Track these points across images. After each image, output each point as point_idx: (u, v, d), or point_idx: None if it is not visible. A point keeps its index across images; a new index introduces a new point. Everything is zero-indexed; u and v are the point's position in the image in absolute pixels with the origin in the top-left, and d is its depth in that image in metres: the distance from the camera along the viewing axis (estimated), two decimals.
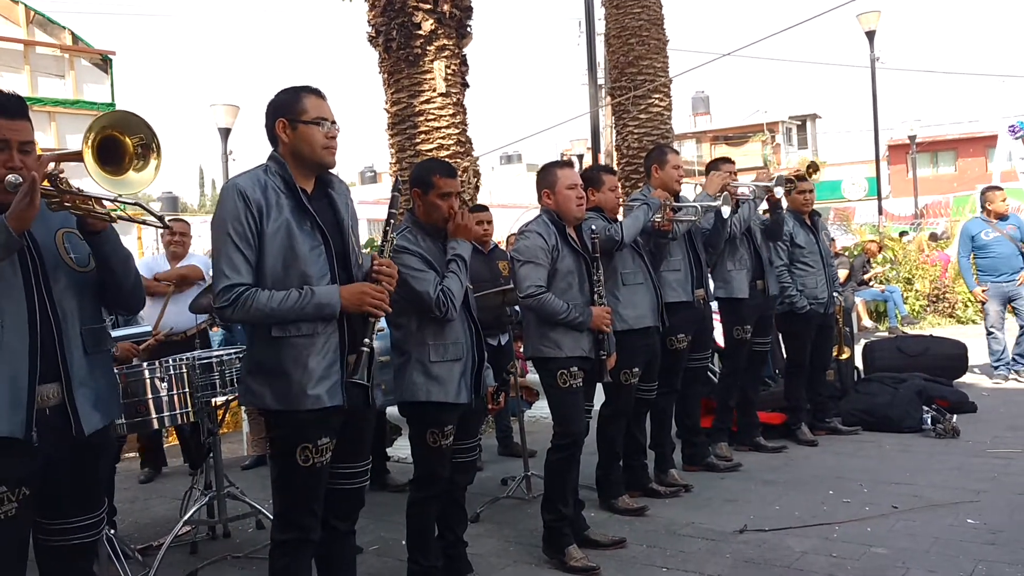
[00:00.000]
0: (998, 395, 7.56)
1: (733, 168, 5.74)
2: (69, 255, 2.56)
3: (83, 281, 2.58)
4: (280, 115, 2.85)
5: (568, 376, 4.03)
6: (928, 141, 35.20)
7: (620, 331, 4.45)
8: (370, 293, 2.80)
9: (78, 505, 2.56)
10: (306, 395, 2.72)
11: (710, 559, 3.96)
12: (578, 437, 4.07)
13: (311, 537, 2.86)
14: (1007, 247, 8.21)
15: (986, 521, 4.24)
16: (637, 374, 4.61)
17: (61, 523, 2.54)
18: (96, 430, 2.54)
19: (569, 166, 4.38)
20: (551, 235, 4.08)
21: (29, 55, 8.62)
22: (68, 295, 2.53)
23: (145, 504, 5.56)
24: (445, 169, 3.62)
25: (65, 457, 2.48)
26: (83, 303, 2.57)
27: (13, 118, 2.46)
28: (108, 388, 2.65)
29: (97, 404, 2.55)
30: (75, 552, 2.58)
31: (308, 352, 2.74)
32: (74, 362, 2.50)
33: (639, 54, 10.60)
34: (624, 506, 4.69)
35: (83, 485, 2.56)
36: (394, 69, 7.61)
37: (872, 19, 17.15)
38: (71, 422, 2.47)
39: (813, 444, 6.04)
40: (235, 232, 2.71)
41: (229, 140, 17.13)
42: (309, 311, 2.71)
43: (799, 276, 6.11)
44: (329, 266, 2.80)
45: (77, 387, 2.49)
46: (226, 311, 2.73)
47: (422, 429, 3.50)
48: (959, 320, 13.30)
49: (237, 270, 2.71)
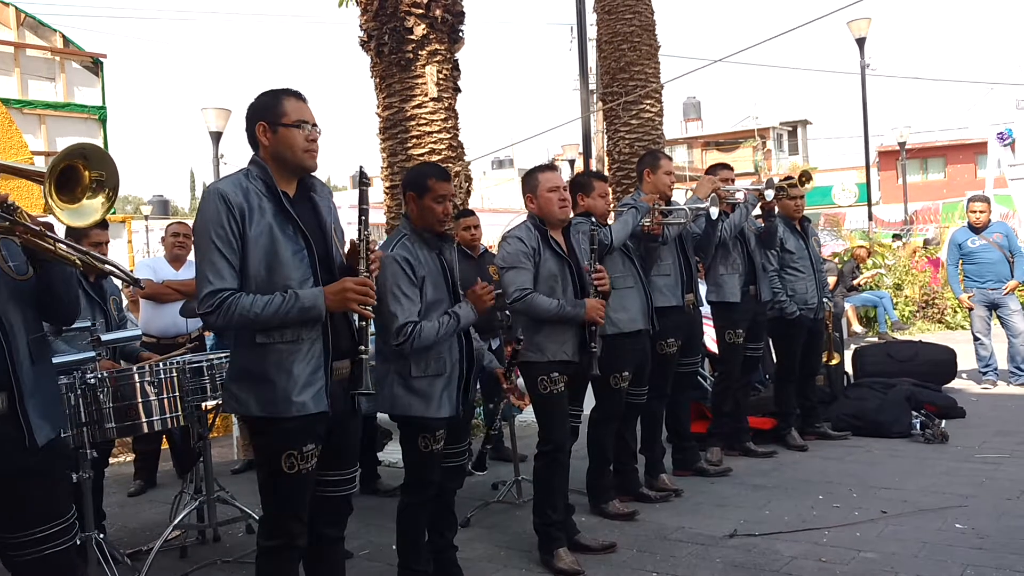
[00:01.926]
0: (986, 400, 7.60)
1: (731, 175, 5.77)
2: (8, 263, 2.49)
3: (23, 289, 2.52)
4: (260, 118, 2.81)
5: (548, 382, 4.02)
6: (918, 147, 35.39)
7: (610, 335, 4.46)
8: (352, 289, 2.72)
9: (41, 515, 2.49)
10: (291, 402, 2.70)
11: (700, 563, 3.97)
12: (560, 443, 4.07)
13: (297, 543, 2.84)
14: (994, 254, 8.27)
15: (974, 526, 4.27)
16: (627, 378, 4.61)
17: (25, 535, 2.46)
18: (49, 439, 2.50)
19: (551, 169, 4.35)
20: (532, 239, 4.06)
21: (19, 57, 8.57)
22: (11, 305, 2.48)
23: (135, 508, 5.53)
24: (439, 173, 3.62)
25: (21, 468, 2.43)
26: (26, 313, 2.53)
27: None
28: (53, 398, 2.61)
29: (46, 415, 2.51)
30: (50, 563, 2.50)
31: (292, 358, 2.71)
32: (23, 373, 2.45)
33: (631, 60, 10.62)
34: (614, 510, 4.69)
35: (45, 493, 2.50)
36: (386, 74, 7.62)
37: (862, 26, 17.24)
38: (24, 433, 2.42)
39: (803, 449, 6.06)
40: (218, 237, 2.67)
41: (220, 143, 17.13)
42: (294, 315, 2.67)
43: (789, 281, 6.13)
44: (312, 270, 2.77)
45: (28, 398, 2.44)
46: (210, 318, 2.69)
47: (413, 435, 3.49)
48: (948, 326, 13.36)
49: (220, 275, 2.67)
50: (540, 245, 4.07)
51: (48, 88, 8.86)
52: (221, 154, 17.45)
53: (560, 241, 4.16)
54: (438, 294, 3.48)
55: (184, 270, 6.08)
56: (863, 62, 17.47)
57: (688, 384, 5.60)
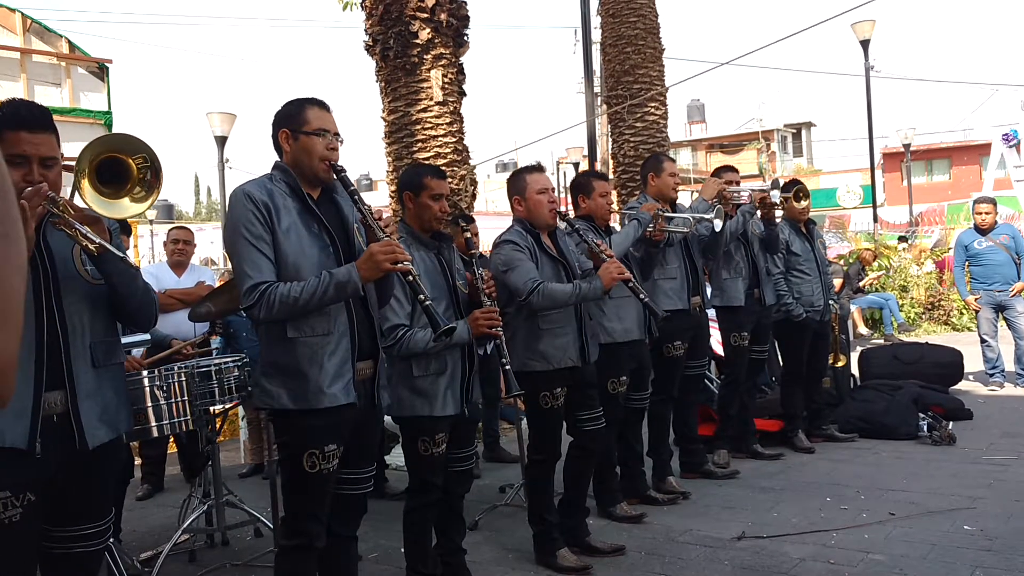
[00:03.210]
0: (993, 402, 7.58)
1: (736, 178, 5.76)
2: (85, 267, 2.53)
3: (98, 294, 2.56)
4: (283, 125, 2.88)
5: (550, 398, 4.01)
6: (923, 149, 35.36)
7: (605, 344, 4.43)
8: (379, 251, 2.73)
9: (82, 514, 2.55)
10: (323, 393, 2.74)
11: (708, 566, 3.97)
12: (553, 454, 4.11)
13: (315, 544, 2.87)
14: (1000, 256, 8.26)
15: (983, 528, 4.26)
16: (625, 383, 4.60)
17: (64, 531, 2.53)
18: (101, 444, 2.52)
19: (539, 171, 4.25)
20: (526, 241, 4.00)
21: (26, 63, 8.61)
22: (79, 308, 2.50)
23: (143, 512, 5.54)
24: (435, 171, 3.66)
25: (72, 465, 2.47)
26: (95, 316, 2.56)
27: (36, 131, 2.40)
28: (117, 401, 2.63)
29: (103, 417, 2.53)
30: (77, 561, 2.57)
31: (323, 352, 2.76)
32: (80, 375, 2.47)
33: (635, 63, 10.63)
34: (622, 513, 4.69)
35: (88, 494, 2.56)
36: (391, 78, 7.63)
37: (867, 28, 17.22)
38: (75, 435, 2.45)
39: (810, 451, 6.06)
40: (250, 234, 2.72)
41: (225, 148, 17.13)
42: (331, 293, 2.70)
43: (795, 284, 6.13)
44: (338, 265, 2.81)
45: (82, 400, 2.47)
46: (253, 311, 2.72)
47: (413, 438, 3.51)
48: (955, 328, 13.33)
49: (259, 269, 2.72)
50: (534, 248, 4.02)
51: (54, 93, 8.90)
52: (226, 159, 17.46)
53: (550, 244, 4.13)
54: (435, 293, 3.47)
55: (186, 276, 6.02)
56: (867, 64, 17.44)
57: (695, 387, 5.59)
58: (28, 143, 2.38)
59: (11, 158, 2.35)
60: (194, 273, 6.10)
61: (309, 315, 2.74)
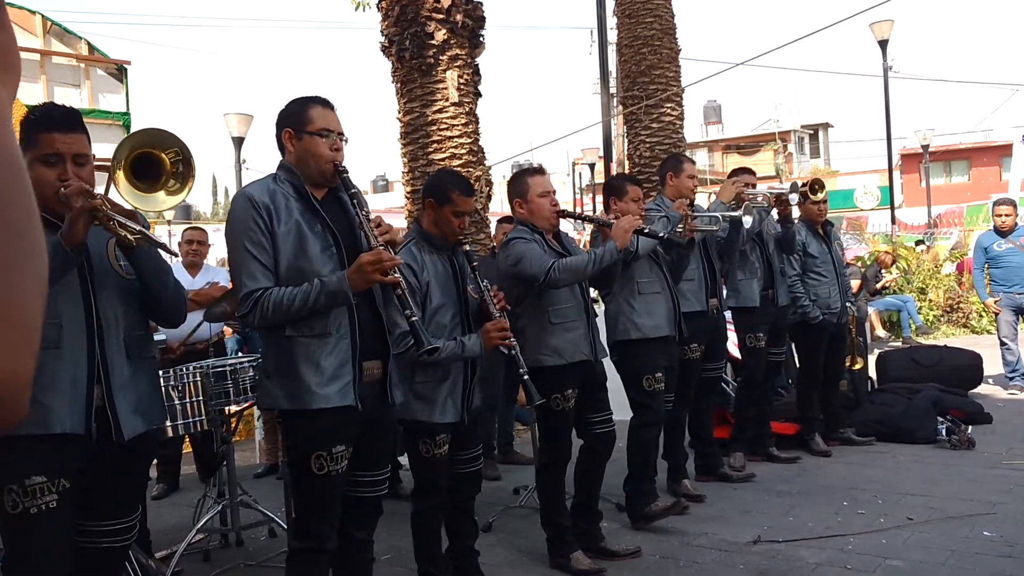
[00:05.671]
0: (1013, 406, 7.50)
1: (753, 179, 5.73)
2: (119, 262, 2.60)
3: (131, 288, 2.62)
4: (287, 125, 2.87)
5: (561, 400, 3.99)
6: (941, 150, 35.05)
7: (635, 339, 4.43)
8: (368, 262, 2.69)
9: (112, 509, 2.59)
10: (314, 394, 2.71)
11: (723, 570, 3.94)
12: (565, 458, 4.09)
13: (326, 546, 2.86)
14: (1020, 257, 8.18)
15: (1002, 533, 4.21)
16: (660, 380, 4.53)
17: (93, 525, 2.56)
18: (137, 434, 2.57)
19: (540, 173, 4.23)
20: (533, 235, 3.99)
21: (46, 65, 8.68)
22: (113, 301, 2.57)
23: (158, 512, 5.56)
24: (465, 187, 3.55)
25: (106, 458, 2.51)
26: (128, 310, 2.62)
27: (67, 131, 2.48)
28: (151, 393, 2.70)
29: (138, 409, 2.59)
30: (105, 557, 2.60)
31: (320, 352, 2.74)
32: (115, 367, 2.54)
33: (651, 63, 10.58)
34: (655, 511, 4.55)
35: (120, 489, 2.60)
36: (407, 79, 7.63)
37: (885, 28, 17.09)
38: (111, 426, 2.51)
39: (827, 455, 6.02)
40: (248, 240, 2.73)
41: (243, 149, 17.23)
42: (322, 300, 2.70)
43: (812, 286, 6.09)
44: (341, 266, 2.79)
45: (117, 392, 2.53)
46: (248, 317, 2.75)
47: (414, 440, 3.49)
48: (973, 330, 13.21)
49: (254, 277, 2.73)
50: (542, 244, 4.00)
51: (73, 95, 8.96)
52: (243, 159, 17.56)
53: (555, 244, 4.11)
54: (445, 298, 3.45)
55: (200, 277, 6.02)
56: (886, 64, 17.34)
57: (712, 389, 5.57)
58: (61, 142, 2.46)
59: (45, 157, 2.45)
60: (208, 274, 6.11)
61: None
